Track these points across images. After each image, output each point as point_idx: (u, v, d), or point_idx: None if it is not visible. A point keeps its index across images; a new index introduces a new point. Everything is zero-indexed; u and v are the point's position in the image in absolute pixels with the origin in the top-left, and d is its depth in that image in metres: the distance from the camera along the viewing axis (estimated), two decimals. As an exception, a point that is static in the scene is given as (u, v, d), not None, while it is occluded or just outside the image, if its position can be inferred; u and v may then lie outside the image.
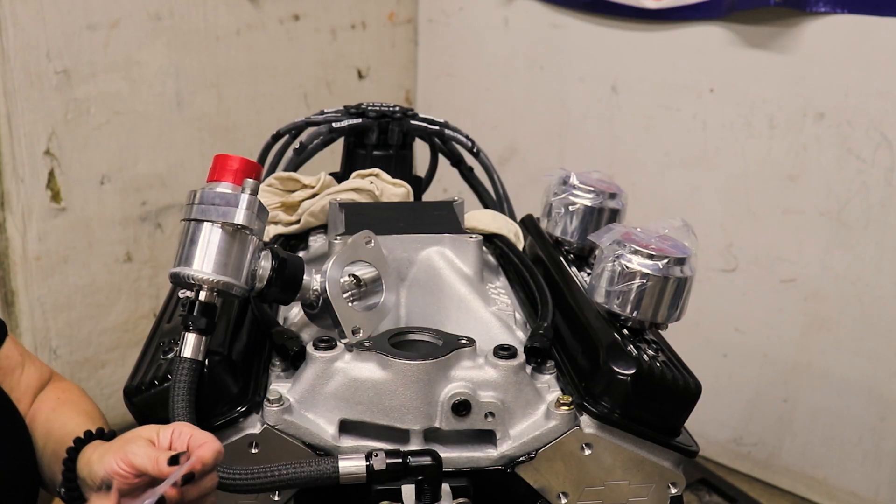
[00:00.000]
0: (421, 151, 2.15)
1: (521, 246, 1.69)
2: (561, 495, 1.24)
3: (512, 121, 3.47)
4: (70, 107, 2.74)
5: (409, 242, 1.45)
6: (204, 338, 1.17)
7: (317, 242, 1.69)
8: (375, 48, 3.59)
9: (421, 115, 2.00)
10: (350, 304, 1.26)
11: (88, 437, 1.23)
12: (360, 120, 1.94)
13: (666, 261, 1.26)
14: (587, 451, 1.22)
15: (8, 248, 2.73)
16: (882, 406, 2.79)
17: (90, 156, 2.82)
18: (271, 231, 1.69)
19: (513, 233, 1.70)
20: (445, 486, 1.17)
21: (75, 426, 1.33)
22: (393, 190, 1.73)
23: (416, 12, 3.68)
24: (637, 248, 1.28)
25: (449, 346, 1.23)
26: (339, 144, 2.02)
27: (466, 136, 2.04)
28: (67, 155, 2.77)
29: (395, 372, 1.19)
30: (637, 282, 1.27)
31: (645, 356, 1.24)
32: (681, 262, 1.28)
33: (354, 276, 1.29)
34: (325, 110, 2.02)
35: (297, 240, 1.72)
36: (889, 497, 2.83)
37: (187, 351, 1.16)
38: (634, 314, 1.28)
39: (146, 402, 1.20)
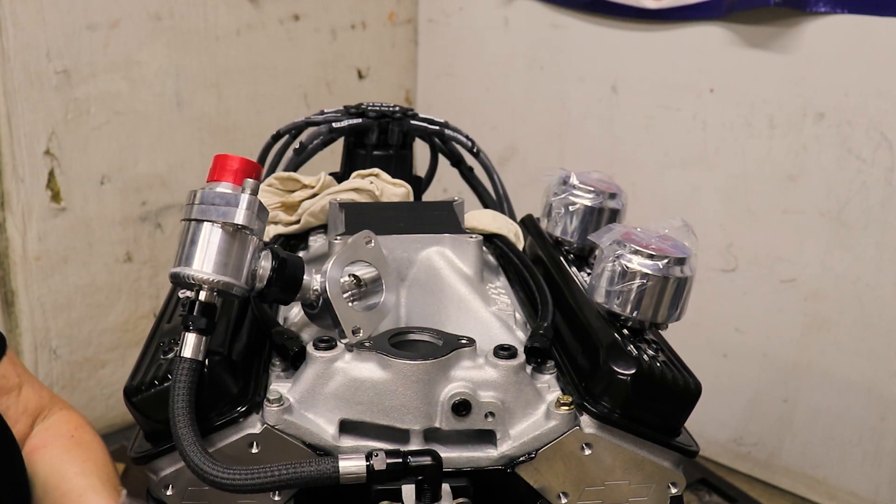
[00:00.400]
0: (421, 151, 2.15)
1: (521, 246, 1.68)
2: (561, 495, 1.24)
3: (512, 121, 3.47)
4: (70, 107, 2.74)
5: (409, 242, 1.45)
6: (204, 338, 1.17)
7: (317, 242, 1.68)
8: (375, 48, 3.59)
9: (421, 115, 2.00)
10: (350, 304, 1.26)
11: None
12: (360, 120, 1.94)
13: (666, 261, 1.26)
14: (587, 451, 1.22)
15: (8, 248, 2.74)
16: (882, 406, 2.79)
17: (90, 156, 2.82)
18: (271, 231, 1.68)
19: (513, 233, 1.70)
20: (445, 486, 1.17)
21: (89, 488, 1.34)
22: (393, 190, 1.73)
23: (416, 12, 3.68)
24: (637, 248, 1.28)
25: (449, 346, 1.23)
26: (339, 144, 2.02)
27: (466, 136, 2.04)
28: (67, 155, 2.77)
29: (395, 372, 1.19)
30: (637, 282, 1.27)
31: (645, 356, 1.24)
32: (681, 262, 1.28)
33: (354, 276, 1.29)
34: (325, 110, 2.02)
35: (297, 240, 1.72)
36: (889, 497, 2.83)
37: (187, 351, 1.16)
38: (634, 314, 1.28)
39: (146, 402, 1.20)
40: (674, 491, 1.26)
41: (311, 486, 1.11)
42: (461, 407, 1.19)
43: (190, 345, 1.16)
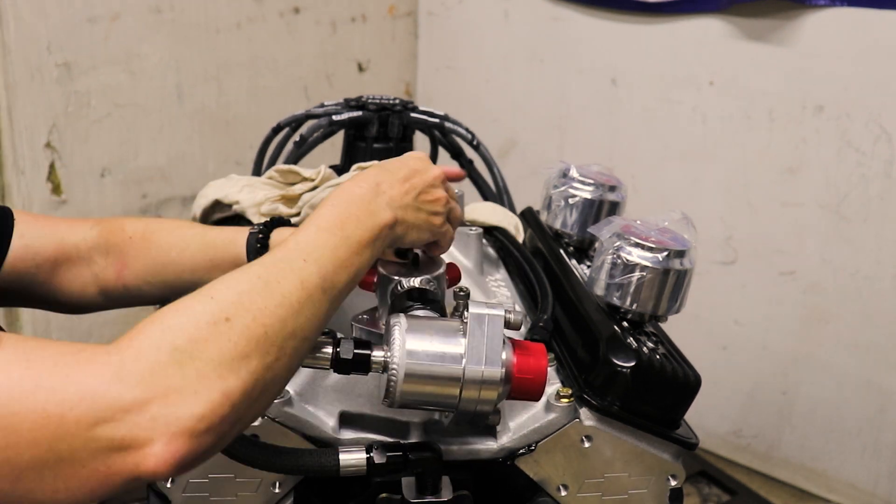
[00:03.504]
0: (421, 144, 2.15)
1: (520, 238, 1.69)
2: (561, 487, 1.24)
3: (512, 113, 3.47)
4: (71, 99, 2.74)
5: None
6: None
7: (317, 235, 1.68)
8: (376, 41, 3.58)
9: (421, 108, 2.00)
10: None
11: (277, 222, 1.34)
12: (360, 113, 1.94)
13: (665, 253, 1.26)
14: (587, 444, 1.22)
15: (8, 240, 2.73)
16: (881, 398, 2.79)
17: (91, 148, 2.82)
18: (272, 224, 1.68)
19: (513, 225, 1.70)
20: (445, 479, 1.17)
21: (224, 233, 1.36)
22: (393, 183, 1.73)
23: (416, 5, 3.68)
24: (637, 240, 1.28)
25: (449, 338, 1.23)
26: (339, 137, 2.02)
27: (466, 129, 2.03)
28: (68, 147, 2.77)
29: (395, 364, 1.19)
30: (637, 274, 1.27)
31: (645, 348, 1.24)
32: (680, 254, 1.28)
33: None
34: (326, 103, 2.01)
35: (298, 233, 1.71)
36: (888, 489, 2.84)
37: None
38: (634, 307, 1.29)
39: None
40: (673, 483, 1.26)
41: (311, 476, 1.11)
42: (461, 400, 1.19)
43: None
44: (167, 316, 0.88)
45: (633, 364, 1.20)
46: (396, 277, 1.21)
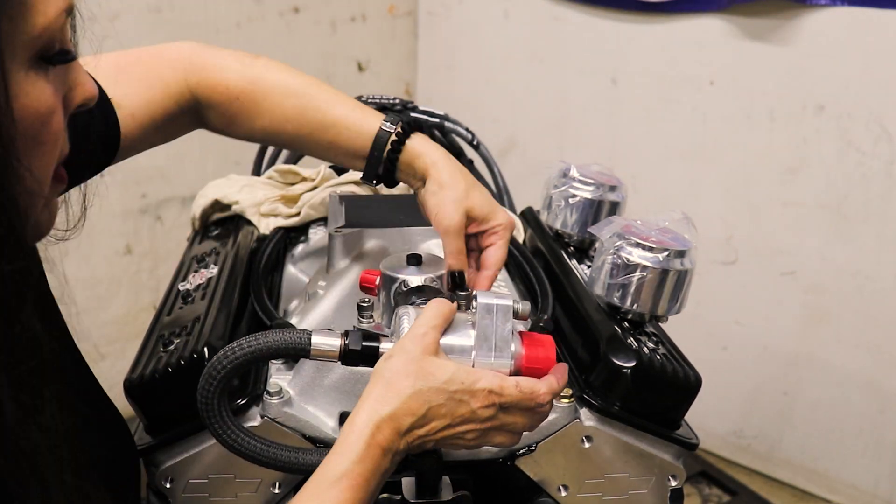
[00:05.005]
0: (421, 144, 2.14)
1: (521, 238, 1.69)
2: (561, 488, 1.24)
3: (512, 113, 3.47)
4: (70, 99, 2.74)
5: (409, 235, 1.45)
6: None
7: (317, 235, 1.68)
8: (375, 41, 3.58)
9: (421, 108, 2.00)
10: None
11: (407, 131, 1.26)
12: (359, 112, 1.94)
13: (666, 253, 1.26)
14: (587, 444, 1.22)
15: (8, 240, 2.73)
16: (882, 398, 2.79)
17: (90, 148, 2.82)
18: (272, 224, 1.68)
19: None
20: (445, 479, 1.17)
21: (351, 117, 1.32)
22: (393, 182, 1.73)
23: (416, 5, 3.68)
24: (637, 240, 1.27)
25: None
26: (339, 137, 2.01)
27: (466, 129, 2.03)
28: (67, 148, 2.77)
29: (395, 364, 1.19)
30: (637, 274, 1.26)
31: (645, 349, 1.24)
32: (681, 254, 1.27)
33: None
34: (325, 103, 2.01)
35: (298, 232, 1.71)
36: (889, 489, 2.84)
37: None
38: (634, 307, 1.28)
39: (146, 394, 1.20)
40: (674, 483, 1.26)
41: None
42: (461, 399, 1.19)
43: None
44: None
45: (633, 364, 1.20)
46: (401, 276, 1.20)
